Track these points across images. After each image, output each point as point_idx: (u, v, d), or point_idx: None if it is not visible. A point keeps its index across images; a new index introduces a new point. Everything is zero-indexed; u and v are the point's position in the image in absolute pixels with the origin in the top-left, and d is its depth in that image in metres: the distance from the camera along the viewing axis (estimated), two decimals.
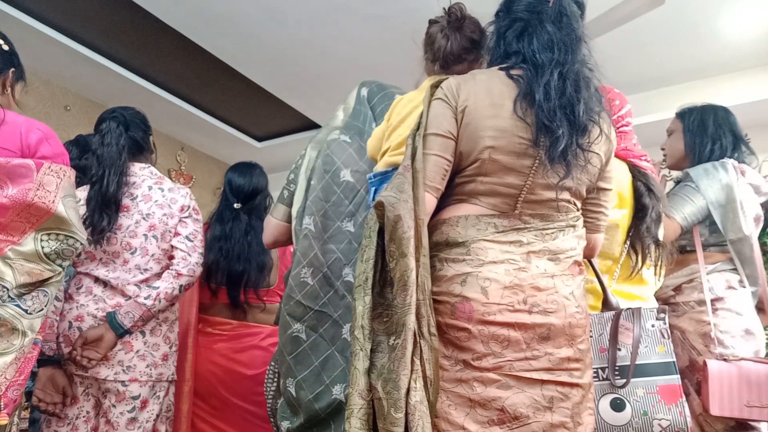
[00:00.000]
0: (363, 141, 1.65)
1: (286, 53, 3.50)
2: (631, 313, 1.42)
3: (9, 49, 1.53)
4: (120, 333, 1.71)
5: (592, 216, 1.34)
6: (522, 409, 1.08)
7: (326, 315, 1.54)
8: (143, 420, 1.76)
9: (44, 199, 1.32)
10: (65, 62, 3.57)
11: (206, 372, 2.15)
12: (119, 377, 1.72)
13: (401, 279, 1.05)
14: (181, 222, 1.88)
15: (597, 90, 1.24)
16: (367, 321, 1.09)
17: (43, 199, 1.32)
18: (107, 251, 1.80)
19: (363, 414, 1.05)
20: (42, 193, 1.32)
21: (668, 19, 2.99)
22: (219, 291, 2.20)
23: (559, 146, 1.15)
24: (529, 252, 1.16)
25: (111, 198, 1.79)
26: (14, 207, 1.29)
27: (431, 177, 1.17)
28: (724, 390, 1.59)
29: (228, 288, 2.18)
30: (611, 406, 1.34)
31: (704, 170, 1.93)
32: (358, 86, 1.79)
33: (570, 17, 1.24)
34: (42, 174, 1.33)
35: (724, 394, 1.61)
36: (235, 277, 2.16)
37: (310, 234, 1.56)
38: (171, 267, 1.82)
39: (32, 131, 1.41)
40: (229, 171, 2.41)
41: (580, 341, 1.16)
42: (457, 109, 1.20)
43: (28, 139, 1.39)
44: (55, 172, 1.36)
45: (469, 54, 1.49)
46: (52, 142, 1.43)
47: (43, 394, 1.67)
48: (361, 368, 1.07)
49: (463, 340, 1.11)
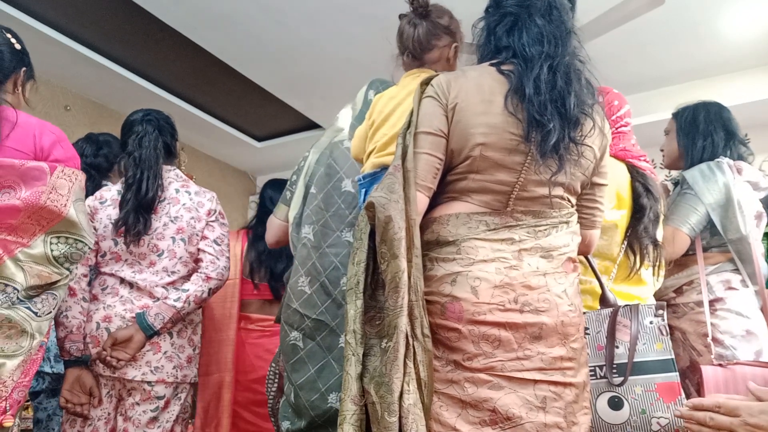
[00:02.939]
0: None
1: (286, 53, 3.50)
2: (628, 310, 1.41)
3: (21, 48, 1.53)
4: (150, 334, 1.71)
5: (588, 212, 1.33)
6: (514, 410, 1.07)
7: (323, 324, 1.54)
8: (163, 420, 1.76)
9: (57, 203, 1.33)
10: (65, 62, 3.57)
11: (252, 366, 2.28)
12: (147, 377, 1.72)
13: (393, 281, 1.04)
14: (208, 225, 1.89)
15: (589, 82, 1.23)
16: (359, 325, 1.08)
17: (56, 203, 1.32)
18: (134, 252, 1.81)
19: (356, 420, 1.04)
20: (55, 196, 1.33)
21: (668, 19, 2.99)
22: (261, 286, 2.37)
23: (551, 140, 1.14)
24: (520, 250, 1.15)
25: (149, 201, 1.80)
26: (26, 209, 1.29)
27: (423, 176, 1.16)
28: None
29: (270, 283, 2.36)
30: (609, 405, 1.33)
31: (700, 173, 1.92)
32: (366, 85, 1.77)
33: (560, 10, 1.23)
34: (55, 177, 1.34)
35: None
36: (278, 274, 2.33)
37: (308, 243, 1.56)
38: (200, 270, 1.83)
39: (45, 134, 1.41)
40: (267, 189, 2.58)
41: (573, 340, 1.15)
42: (448, 107, 1.19)
43: (41, 142, 1.39)
44: (68, 176, 1.37)
45: (438, 40, 1.49)
46: (64, 146, 1.44)
47: (70, 395, 1.68)
48: (353, 373, 1.06)
49: (453, 340, 1.10)
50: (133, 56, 3.62)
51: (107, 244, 1.82)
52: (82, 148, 2.35)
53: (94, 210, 1.86)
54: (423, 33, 1.48)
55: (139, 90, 3.89)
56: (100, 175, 2.35)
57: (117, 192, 1.86)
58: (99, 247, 1.83)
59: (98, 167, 2.35)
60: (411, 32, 1.50)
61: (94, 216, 1.85)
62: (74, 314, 1.72)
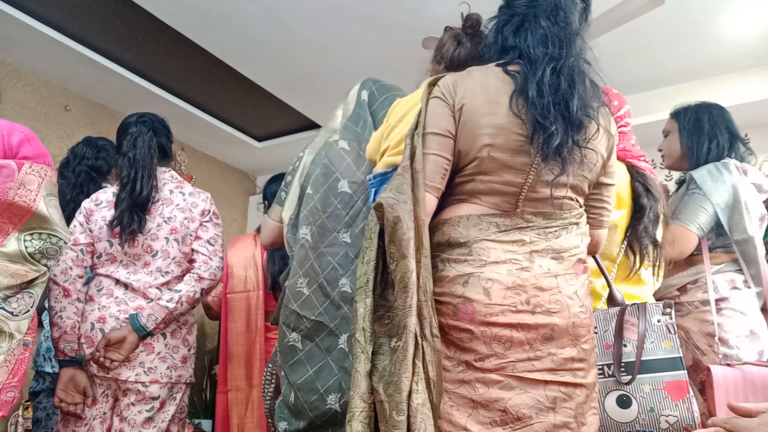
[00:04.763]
0: (361, 149, 1.64)
1: (286, 53, 3.49)
2: (636, 308, 1.41)
3: None
4: (142, 335, 1.72)
5: (595, 212, 1.33)
6: (525, 410, 1.07)
7: (322, 325, 1.54)
8: (159, 420, 1.77)
9: (25, 198, 1.32)
10: (65, 62, 3.56)
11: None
12: (140, 378, 1.73)
13: (402, 281, 1.04)
14: (202, 226, 1.90)
15: (594, 84, 1.22)
16: (369, 323, 1.08)
17: (24, 198, 1.32)
18: (128, 253, 1.81)
19: (364, 417, 1.04)
20: (23, 192, 1.32)
21: (668, 19, 2.99)
22: None
23: (553, 143, 1.13)
24: (532, 251, 1.15)
25: (144, 200, 1.81)
26: None
27: (431, 177, 1.16)
28: (730, 396, 1.57)
29: None
30: (617, 403, 1.33)
31: (708, 173, 1.92)
32: (359, 86, 1.77)
33: (566, 11, 1.23)
34: (23, 173, 1.33)
35: (730, 399, 1.59)
36: None
37: (306, 244, 1.56)
38: (192, 270, 1.84)
39: (14, 133, 1.41)
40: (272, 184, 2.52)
41: (584, 341, 1.15)
42: (455, 107, 1.19)
43: (9, 141, 1.39)
44: (37, 171, 1.36)
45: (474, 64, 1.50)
46: (33, 144, 1.43)
47: (64, 395, 1.69)
48: (363, 371, 1.05)
49: (465, 341, 1.10)
50: (133, 56, 3.61)
51: (103, 245, 1.82)
52: (82, 151, 2.36)
53: (89, 212, 1.86)
54: (465, 54, 1.48)
55: (139, 90, 3.87)
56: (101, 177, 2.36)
57: (112, 194, 1.88)
58: (95, 249, 1.84)
59: (98, 169, 2.36)
60: (452, 48, 1.49)
61: (90, 218, 1.85)
62: (69, 315, 1.73)
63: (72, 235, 1.81)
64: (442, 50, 1.52)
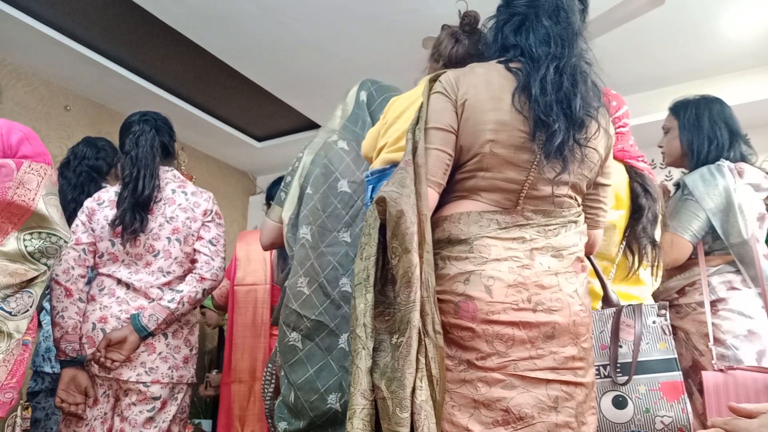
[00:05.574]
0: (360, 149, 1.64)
1: (286, 53, 3.50)
2: (632, 309, 1.41)
3: None
4: (144, 335, 1.72)
5: (592, 212, 1.33)
6: (527, 410, 1.06)
7: (322, 324, 1.53)
8: (160, 420, 1.77)
9: (24, 197, 1.31)
10: (65, 62, 3.56)
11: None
12: (141, 378, 1.73)
13: (405, 275, 1.03)
14: (204, 226, 1.89)
15: (595, 84, 1.23)
16: (369, 319, 1.06)
17: (23, 197, 1.31)
18: (130, 253, 1.81)
19: (366, 414, 1.02)
20: (22, 191, 1.31)
21: (668, 19, 2.99)
22: None
23: (556, 141, 1.14)
24: (532, 249, 1.14)
25: (146, 199, 1.80)
26: None
27: (433, 172, 1.16)
28: (721, 401, 1.57)
29: None
30: (613, 404, 1.34)
31: (701, 177, 1.91)
32: (357, 86, 1.77)
33: (567, 11, 1.23)
34: (22, 173, 1.32)
35: (721, 405, 1.59)
36: None
37: (306, 243, 1.56)
38: (194, 271, 1.83)
39: (13, 132, 1.40)
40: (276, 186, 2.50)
41: (584, 339, 1.15)
42: (457, 103, 1.19)
43: (9, 140, 1.38)
44: (36, 170, 1.35)
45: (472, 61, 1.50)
46: (33, 142, 1.43)
47: (65, 395, 1.69)
48: (364, 367, 1.04)
49: (467, 339, 1.10)
50: (133, 56, 3.61)
51: (105, 244, 1.82)
52: (83, 152, 2.37)
53: (92, 211, 1.86)
54: (462, 52, 1.48)
55: (139, 90, 3.88)
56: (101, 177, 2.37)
57: (114, 193, 1.87)
58: (97, 248, 1.84)
59: (99, 169, 2.37)
60: (450, 46, 1.49)
61: (92, 217, 1.85)
62: (70, 315, 1.73)
63: (74, 234, 1.81)
64: (440, 48, 1.51)
